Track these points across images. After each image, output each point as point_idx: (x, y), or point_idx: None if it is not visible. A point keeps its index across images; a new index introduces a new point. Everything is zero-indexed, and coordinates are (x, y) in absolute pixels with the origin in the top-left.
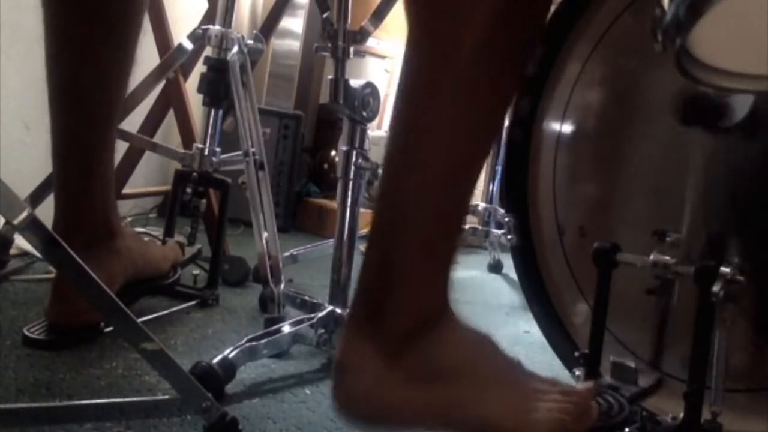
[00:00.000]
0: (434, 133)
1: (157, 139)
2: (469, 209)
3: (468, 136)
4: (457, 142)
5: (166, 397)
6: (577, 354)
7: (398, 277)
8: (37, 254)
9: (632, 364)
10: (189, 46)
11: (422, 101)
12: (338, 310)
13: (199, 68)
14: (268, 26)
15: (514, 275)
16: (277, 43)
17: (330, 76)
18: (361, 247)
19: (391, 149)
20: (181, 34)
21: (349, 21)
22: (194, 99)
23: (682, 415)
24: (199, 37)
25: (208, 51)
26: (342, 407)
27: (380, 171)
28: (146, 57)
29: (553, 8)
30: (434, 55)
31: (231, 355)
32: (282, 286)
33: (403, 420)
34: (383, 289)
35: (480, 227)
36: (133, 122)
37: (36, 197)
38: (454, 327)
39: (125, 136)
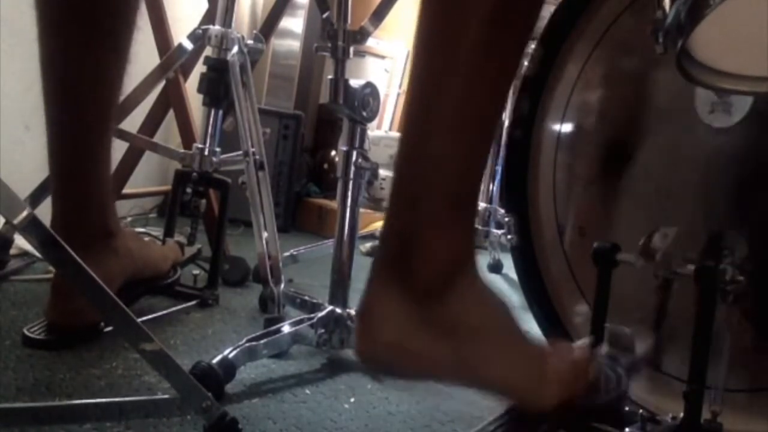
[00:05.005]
0: (454, 81)
1: (157, 139)
2: (483, 171)
3: (485, 85)
4: (474, 92)
5: (166, 396)
6: None
7: (426, 226)
8: (37, 254)
9: (628, 331)
10: (189, 46)
11: (439, 58)
12: (338, 310)
13: (199, 68)
14: (268, 26)
15: (514, 275)
16: (277, 43)
17: (330, 76)
18: (362, 247)
19: (411, 102)
20: (181, 34)
21: (349, 21)
22: (194, 99)
23: (682, 415)
24: (199, 37)
25: (208, 51)
26: (363, 353)
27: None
28: (146, 57)
29: (553, 8)
30: (451, 14)
31: (231, 355)
32: (282, 286)
33: (419, 369)
34: (411, 238)
35: (480, 227)
36: (133, 122)
37: (36, 197)
38: (477, 286)
39: (125, 136)
